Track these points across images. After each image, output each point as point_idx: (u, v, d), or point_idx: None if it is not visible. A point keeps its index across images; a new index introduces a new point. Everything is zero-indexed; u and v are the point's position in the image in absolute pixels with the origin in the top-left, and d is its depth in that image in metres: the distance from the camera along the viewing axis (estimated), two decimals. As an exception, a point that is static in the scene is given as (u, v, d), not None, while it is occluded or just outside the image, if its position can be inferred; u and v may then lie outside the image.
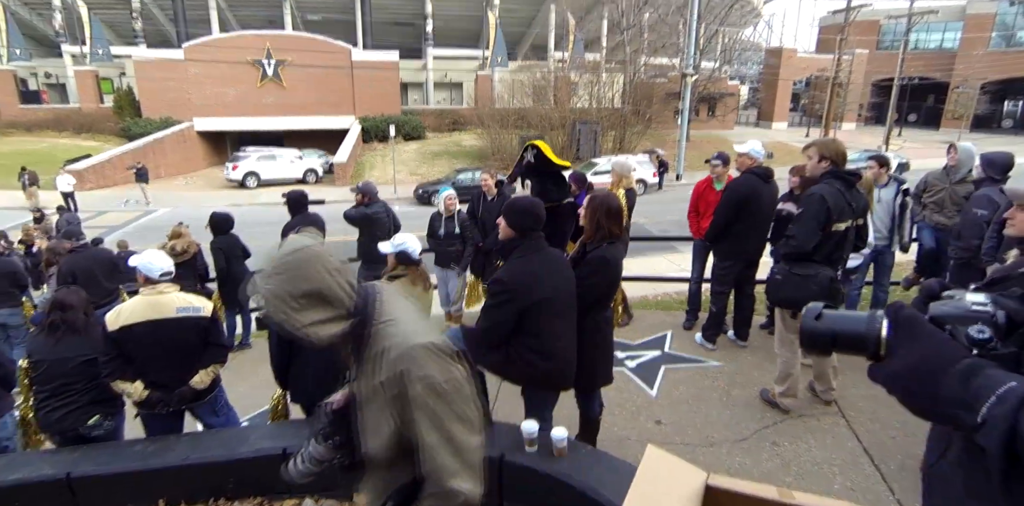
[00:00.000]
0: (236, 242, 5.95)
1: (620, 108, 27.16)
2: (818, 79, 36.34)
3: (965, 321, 0.71)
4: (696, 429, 3.64)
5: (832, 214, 3.25)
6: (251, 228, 11.77)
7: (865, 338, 0.76)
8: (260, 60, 26.76)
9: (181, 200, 20.02)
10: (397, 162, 22.79)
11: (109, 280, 5.49)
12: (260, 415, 4.46)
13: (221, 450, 3.00)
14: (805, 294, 3.33)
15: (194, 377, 3.17)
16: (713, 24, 32.17)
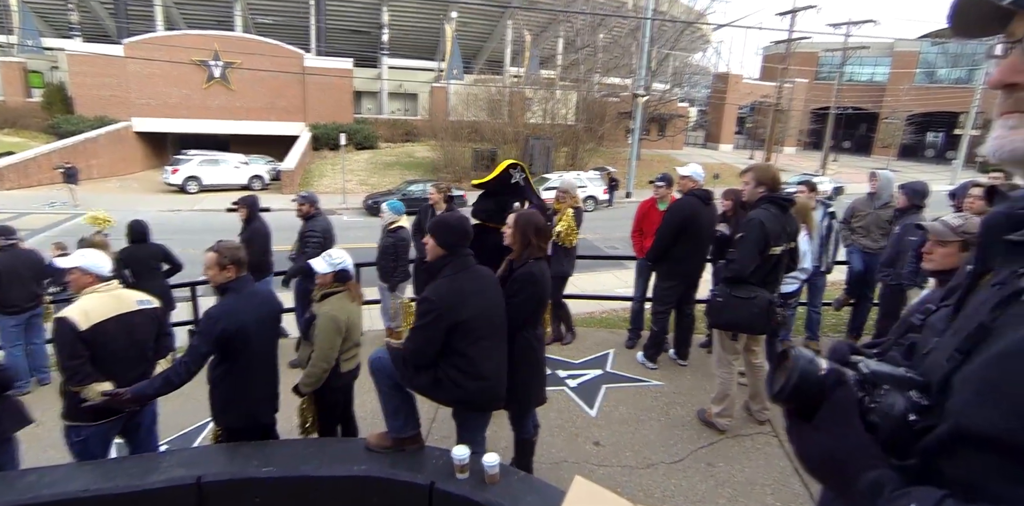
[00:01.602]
0: (153, 253, 5.50)
1: (573, 125, 27.62)
2: (762, 105, 38.18)
3: (903, 384, 0.70)
4: (634, 451, 3.62)
5: (769, 239, 3.34)
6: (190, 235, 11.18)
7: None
8: (207, 61, 25.82)
9: (114, 204, 18.89)
10: (348, 171, 22.37)
11: (37, 284, 5.09)
12: (181, 438, 4.18)
13: (128, 480, 2.76)
14: (745, 316, 3.42)
15: (155, 370, 3.06)
16: (664, 48, 33.34)
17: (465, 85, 29.27)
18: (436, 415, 3.91)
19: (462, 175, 24.24)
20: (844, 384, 0.72)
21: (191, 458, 3.08)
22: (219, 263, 2.90)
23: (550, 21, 34.50)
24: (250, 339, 2.90)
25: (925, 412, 0.66)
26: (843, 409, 0.70)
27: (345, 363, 3.21)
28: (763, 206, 3.44)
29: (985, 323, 0.59)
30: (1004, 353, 0.55)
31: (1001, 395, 0.53)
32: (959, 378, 0.61)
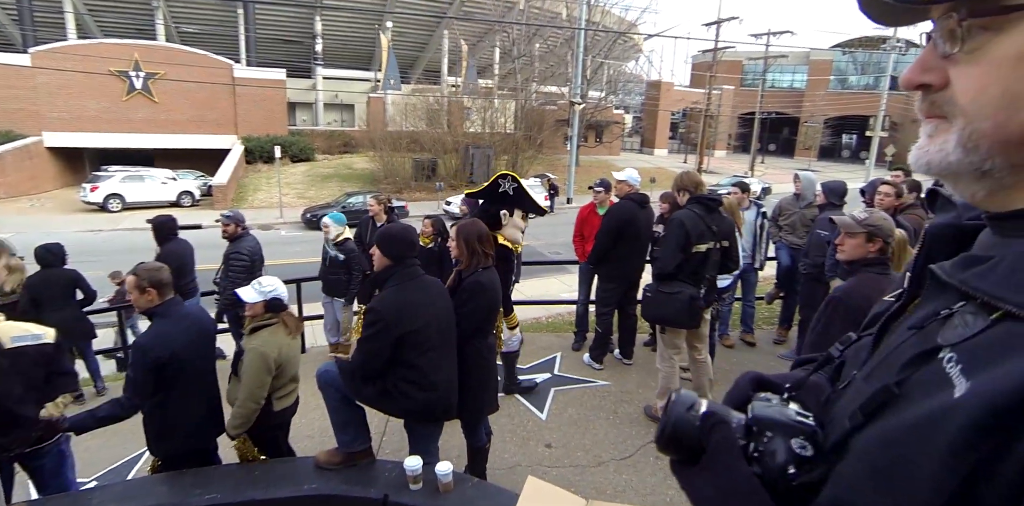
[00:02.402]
0: (64, 280, 4.95)
1: (512, 133, 27.92)
2: (693, 111, 39.85)
3: (788, 432, 0.62)
4: (585, 450, 3.70)
5: (691, 237, 3.53)
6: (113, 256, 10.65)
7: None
8: (127, 72, 24.46)
9: (26, 225, 17.60)
10: (284, 185, 21.72)
11: None
12: (111, 472, 3.93)
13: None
14: (670, 310, 3.62)
15: (44, 411, 2.74)
16: (599, 57, 34.30)
17: (403, 95, 29.07)
18: (386, 428, 3.86)
19: (403, 186, 24.02)
20: (722, 427, 0.63)
21: (126, 492, 2.92)
22: (138, 286, 2.73)
23: (486, 31, 34.84)
24: (184, 365, 2.76)
25: (806, 464, 0.58)
26: (722, 453, 0.61)
27: (279, 401, 2.94)
28: (689, 206, 3.64)
29: (890, 386, 0.49)
30: (906, 429, 0.45)
31: (895, 484, 0.44)
32: (857, 444, 0.52)
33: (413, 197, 22.63)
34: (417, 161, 25.09)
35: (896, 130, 38.10)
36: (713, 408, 0.68)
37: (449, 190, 22.65)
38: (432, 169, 25.34)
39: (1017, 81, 0.42)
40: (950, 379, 0.42)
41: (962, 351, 0.43)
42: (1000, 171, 0.46)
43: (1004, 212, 0.46)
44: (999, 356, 0.40)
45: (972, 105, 0.45)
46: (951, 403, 0.40)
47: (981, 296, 0.45)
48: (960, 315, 0.48)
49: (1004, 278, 0.44)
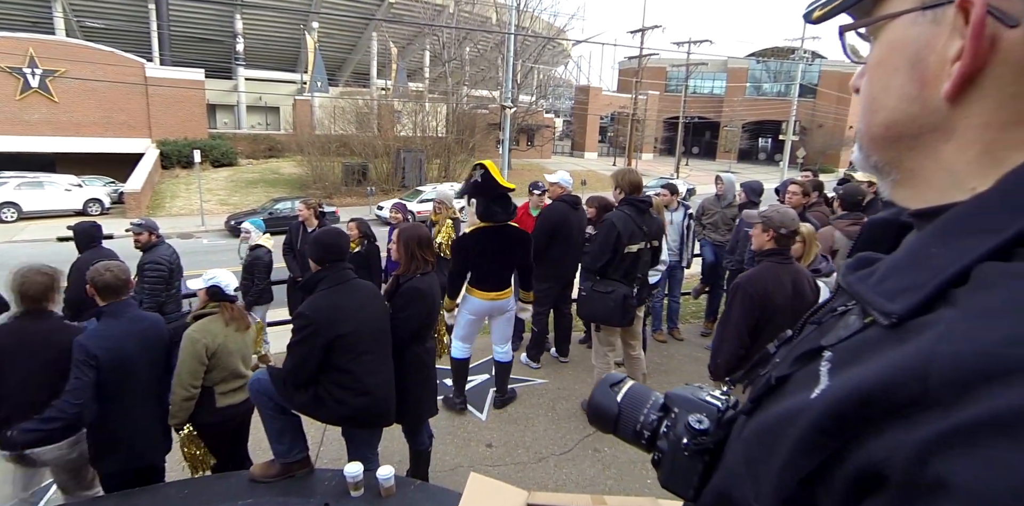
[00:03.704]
0: None
1: (444, 137, 27.83)
2: (620, 115, 41.19)
3: (691, 408, 0.67)
4: (525, 447, 3.77)
5: (623, 238, 3.67)
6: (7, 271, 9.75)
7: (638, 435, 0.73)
8: (20, 68, 22.46)
9: (-97, 238, 15.83)
10: (205, 191, 20.63)
11: None
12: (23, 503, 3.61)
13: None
14: (604, 309, 3.75)
15: None
16: (528, 61, 34.79)
17: (331, 98, 28.34)
18: (324, 438, 3.76)
19: (333, 191, 23.39)
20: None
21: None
22: (88, 284, 2.71)
23: (416, 34, 34.55)
24: (130, 372, 2.64)
25: (699, 436, 0.63)
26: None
27: (223, 396, 2.88)
28: (621, 207, 3.79)
29: (771, 377, 0.51)
30: (765, 423, 0.48)
31: (757, 475, 0.45)
32: (744, 432, 0.54)
33: (344, 202, 22.09)
34: (347, 165, 24.51)
35: (806, 134, 41.01)
36: (635, 387, 0.77)
37: (381, 195, 22.27)
38: (363, 174, 24.81)
39: (874, 85, 0.47)
40: (818, 378, 0.43)
41: (836, 352, 0.44)
42: (884, 168, 0.49)
43: (913, 210, 0.47)
44: (857, 360, 0.41)
45: (860, 107, 0.50)
46: (806, 402, 0.41)
47: (858, 299, 0.47)
48: (849, 315, 0.49)
49: (876, 283, 0.45)
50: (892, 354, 0.37)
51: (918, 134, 0.44)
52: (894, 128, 0.46)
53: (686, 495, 0.63)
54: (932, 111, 0.42)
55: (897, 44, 0.44)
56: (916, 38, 0.43)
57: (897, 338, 0.38)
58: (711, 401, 0.68)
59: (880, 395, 0.35)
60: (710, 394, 0.70)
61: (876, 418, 0.34)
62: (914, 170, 0.46)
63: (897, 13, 0.44)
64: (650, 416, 0.72)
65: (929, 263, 0.40)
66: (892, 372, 0.35)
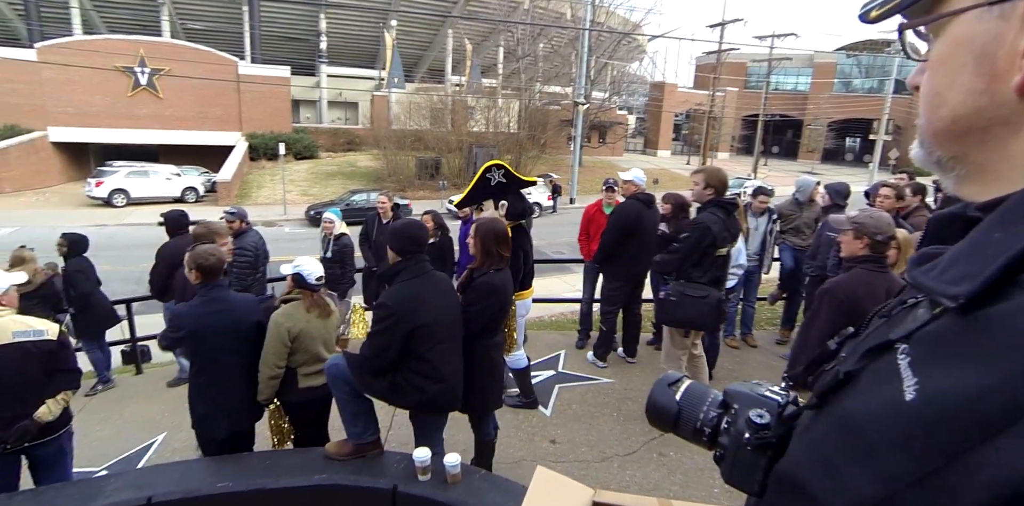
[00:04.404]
0: (91, 265, 5.32)
1: (516, 133, 27.96)
2: (696, 112, 39.92)
3: (751, 403, 0.68)
4: (589, 446, 3.74)
5: (717, 241, 3.56)
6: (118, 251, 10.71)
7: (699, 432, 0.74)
8: (132, 68, 24.52)
9: (31, 218, 17.68)
10: (288, 182, 21.77)
11: None
12: (122, 462, 3.98)
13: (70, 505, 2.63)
14: (698, 314, 3.62)
15: (39, 408, 2.79)
16: (603, 57, 34.33)
17: (407, 94, 29.12)
18: (392, 422, 3.90)
19: (406, 184, 24.06)
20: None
21: (139, 479, 2.97)
22: (187, 265, 2.96)
23: (491, 31, 34.87)
24: (208, 347, 2.87)
25: (761, 430, 0.63)
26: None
27: (305, 378, 3.08)
28: (711, 210, 3.64)
29: (839, 372, 0.51)
30: (843, 422, 0.47)
31: (833, 469, 0.45)
32: (812, 425, 0.55)
33: (416, 196, 22.67)
34: (421, 160, 25.14)
35: (900, 133, 38.12)
36: (693, 386, 0.78)
37: (452, 189, 22.69)
38: (436, 168, 25.39)
39: (938, 81, 0.48)
40: (898, 372, 0.42)
41: (912, 344, 0.44)
42: (948, 163, 0.49)
43: (979, 203, 0.48)
44: (944, 354, 0.40)
45: (921, 104, 0.50)
46: (899, 400, 0.40)
47: (923, 291, 0.47)
48: (917, 308, 0.50)
49: (939, 273, 0.45)
50: (984, 352, 0.36)
51: (987, 127, 0.44)
52: (960, 122, 0.46)
53: (749, 489, 0.64)
54: (1001, 104, 0.43)
55: (962, 40, 0.45)
56: (983, 33, 0.43)
57: (977, 328, 0.38)
58: (771, 396, 0.69)
59: (994, 401, 0.34)
60: (769, 390, 0.71)
61: (997, 426, 0.33)
62: (982, 164, 0.46)
63: (961, 9, 0.44)
64: (710, 413, 0.73)
65: (991, 247, 0.40)
66: (1000, 379, 0.34)
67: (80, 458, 3.36)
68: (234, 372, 2.99)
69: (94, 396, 5.15)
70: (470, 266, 3.04)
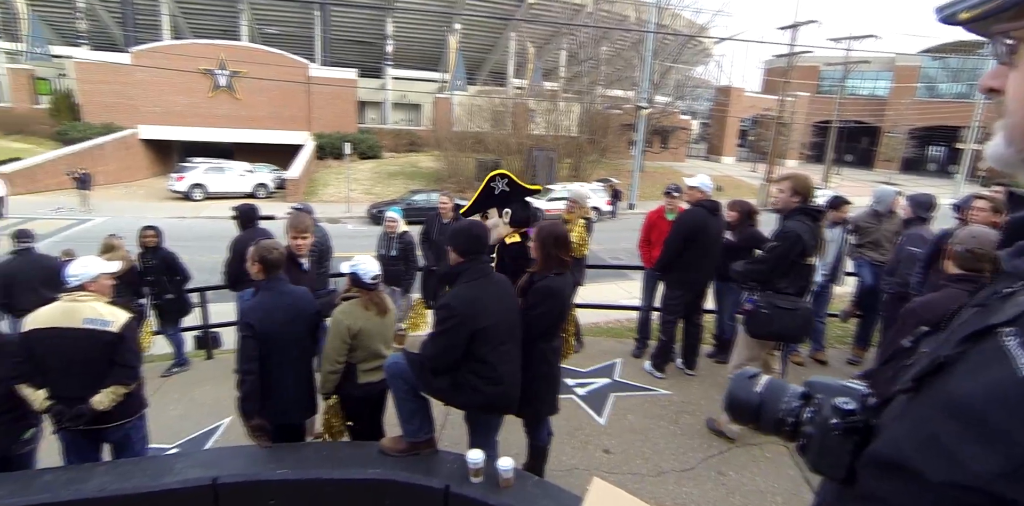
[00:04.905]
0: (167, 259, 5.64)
1: (576, 137, 27.79)
2: (763, 117, 38.43)
3: (835, 392, 0.71)
4: (644, 458, 3.64)
5: (807, 250, 3.40)
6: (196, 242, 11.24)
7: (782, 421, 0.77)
8: (213, 70, 26.07)
9: (121, 210, 19.03)
10: (352, 180, 22.47)
11: (47, 288, 5.11)
12: (192, 442, 4.19)
13: (144, 480, 2.78)
14: (791, 326, 3.46)
15: (96, 396, 2.91)
16: (667, 61, 33.66)
17: (469, 96, 29.51)
18: (446, 421, 3.93)
19: (466, 185, 24.33)
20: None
21: (206, 459, 3.11)
22: (251, 259, 3.05)
23: (553, 34, 34.87)
24: (276, 340, 2.94)
25: (848, 416, 0.66)
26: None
27: (364, 374, 3.14)
28: (797, 217, 3.46)
29: (941, 356, 0.54)
30: (951, 404, 0.49)
31: (938, 447, 0.48)
32: (908, 409, 0.57)
33: (474, 197, 22.90)
34: (481, 161, 25.38)
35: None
36: (772, 380, 0.81)
37: (510, 191, 22.78)
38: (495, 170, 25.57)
39: None
40: (1008, 353, 0.45)
41: (1020, 326, 0.47)
42: None
43: None
44: None
45: (1012, 104, 0.52)
46: (1015, 378, 0.44)
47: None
48: (1017, 295, 0.53)
49: None
50: None
51: None
52: None
53: (836, 474, 0.65)
54: None
55: None
56: None
57: None
58: (853, 386, 0.73)
59: None
60: (850, 382, 0.75)
61: None
62: None
63: None
64: (792, 403, 0.76)
65: None
66: None
67: (154, 434, 3.53)
68: (288, 364, 3.05)
69: (169, 377, 5.45)
70: (530, 269, 3.01)
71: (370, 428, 3.33)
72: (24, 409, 2.96)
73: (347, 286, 3.26)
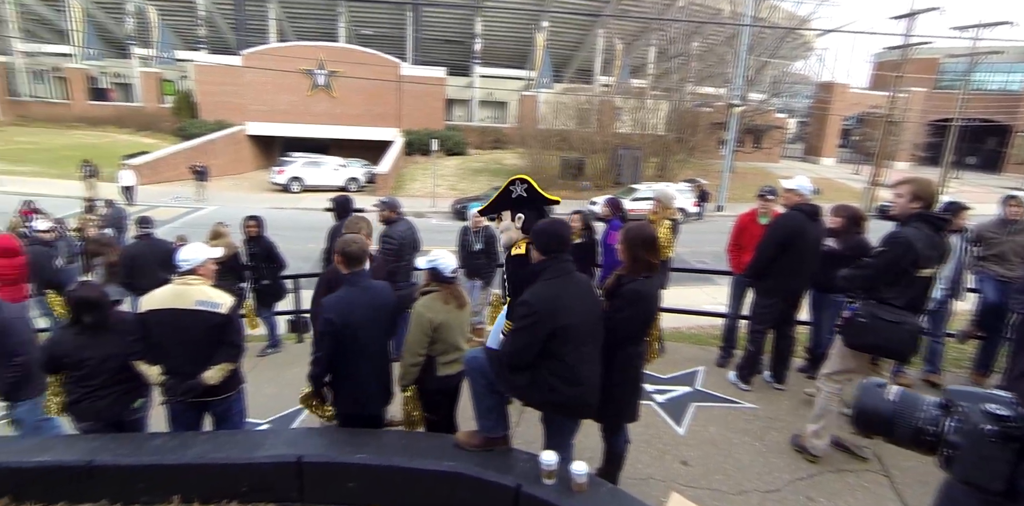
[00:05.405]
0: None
1: (663, 135, 27.01)
2: (871, 116, 35.49)
3: (981, 399, 0.68)
4: (725, 474, 3.45)
5: (919, 259, 3.09)
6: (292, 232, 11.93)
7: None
8: (312, 70, 27.72)
9: (229, 200, 20.67)
10: (438, 176, 23.08)
11: (163, 270, 5.63)
12: (281, 419, 4.45)
13: (238, 452, 2.98)
14: (892, 341, 3.16)
15: (205, 372, 3.15)
16: (763, 56, 31.91)
17: (554, 94, 29.44)
18: (520, 419, 3.92)
19: (549, 183, 24.30)
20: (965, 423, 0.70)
21: (293, 438, 3.29)
22: (335, 252, 3.15)
23: (643, 29, 34.05)
24: (357, 332, 3.02)
25: (1001, 421, 0.62)
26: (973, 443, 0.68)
27: (443, 367, 3.18)
28: (915, 224, 3.14)
29: None
30: None
31: None
32: None
33: (559, 195, 22.59)
34: (565, 160, 25.30)
35: None
36: (904, 390, 0.76)
37: (595, 190, 22.55)
38: (579, 168, 25.40)
39: None
40: None
41: None
42: None
43: None
44: None
45: None
46: None
47: None
48: None
49: None
50: None
51: None
52: None
53: (993, 485, 0.62)
54: None
55: None
56: None
57: None
58: (996, 394, 0.69)
59: None
60: (991, 391, 0.70)
61: None
62: None
63: None
64: (931, 412, 0.72)
65: None
66: None
67: (250, 410, 3.76)
68: (366, 356, 3.12)
69: (264, 358, 5.83)
70: (617, 272, 2.92)
71: (445, 420, 3.38)
72: (135, 382, 3.27)
73: (426, 280, 3.30)
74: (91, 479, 2.89)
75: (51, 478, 2.90)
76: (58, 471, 2.90)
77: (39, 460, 2.94)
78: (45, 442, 3.32)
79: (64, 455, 2.99)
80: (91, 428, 3.29)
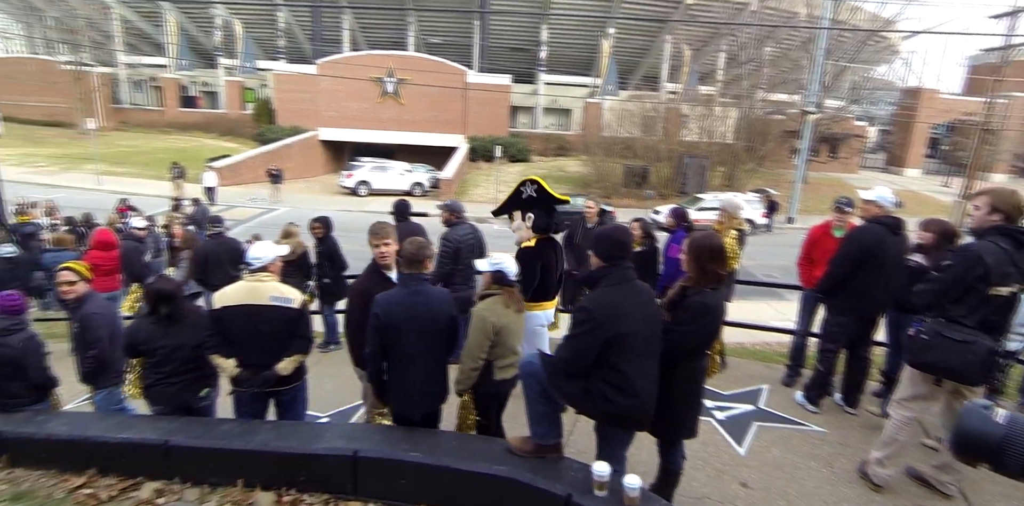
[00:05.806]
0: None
1: (732, 144, 26.16)
2: (963, 123, 33.00)
3: None
4: (787, 500, 3.27)
5: (991, 275, 2.85)
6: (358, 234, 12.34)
7: None
8: (382, 78, 28.74)
9: (300, 202, 21.68)
10: (500, 182, 23.28)
11: (234, 267, 5.97)
12: (340, 414, 4.59)
13: (298, 442, 3.10)
14: (955, 362, 2.92)
15: (279, 363, 3.29)
16: (842, 60, 30.38)
17: (620, 101, 29.16)
18: (574, 428, 3.87)
19: (612, 191, 24.07)
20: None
21: (350, 432, 3.39)
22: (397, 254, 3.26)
23: (712, 35, 33.19)
24: (395, 332, 3.00)
25: None
26: None
27: (500, 371, 3.16)
28: (991, 237, 2.91)
29: None
30: None
31: None
32: None
33: (621, 203, 22.51)
34: (628, 167, 24.98)
35: None
36: (1014, 413, 0.71)
37: (659, 199, 22.12)
38: (643, 176, 25.00)
39: None
40: None
41: None
42: None
43: None
44: None
45: None
46: None
47: None
48: None
49: None
50: None
51: None
52: None
53: None
54: None
55: None
56: None
57: None
58: None
59: None
60: None
61: None
62: None
63: None
64: None
65: None
66: None
67: (311, 403, 3.90)
68: (412, 359, 3.11)
69: (327, 353, 6.04)
70: (682, 283, 2.83)
71: (494, 424, 3.39)
72: (203, 371, 3.49)
73: (486, 284, 3.30)
74: (167, 458, 3.09)
75: (133, 454, 3.12)
76: (140, 448, 3.12)
77: (123, 436, 3.17)
78: (127, 420, 3.58)
79: (145, 433, 3.21)
80: (162, 412, 3.53)
